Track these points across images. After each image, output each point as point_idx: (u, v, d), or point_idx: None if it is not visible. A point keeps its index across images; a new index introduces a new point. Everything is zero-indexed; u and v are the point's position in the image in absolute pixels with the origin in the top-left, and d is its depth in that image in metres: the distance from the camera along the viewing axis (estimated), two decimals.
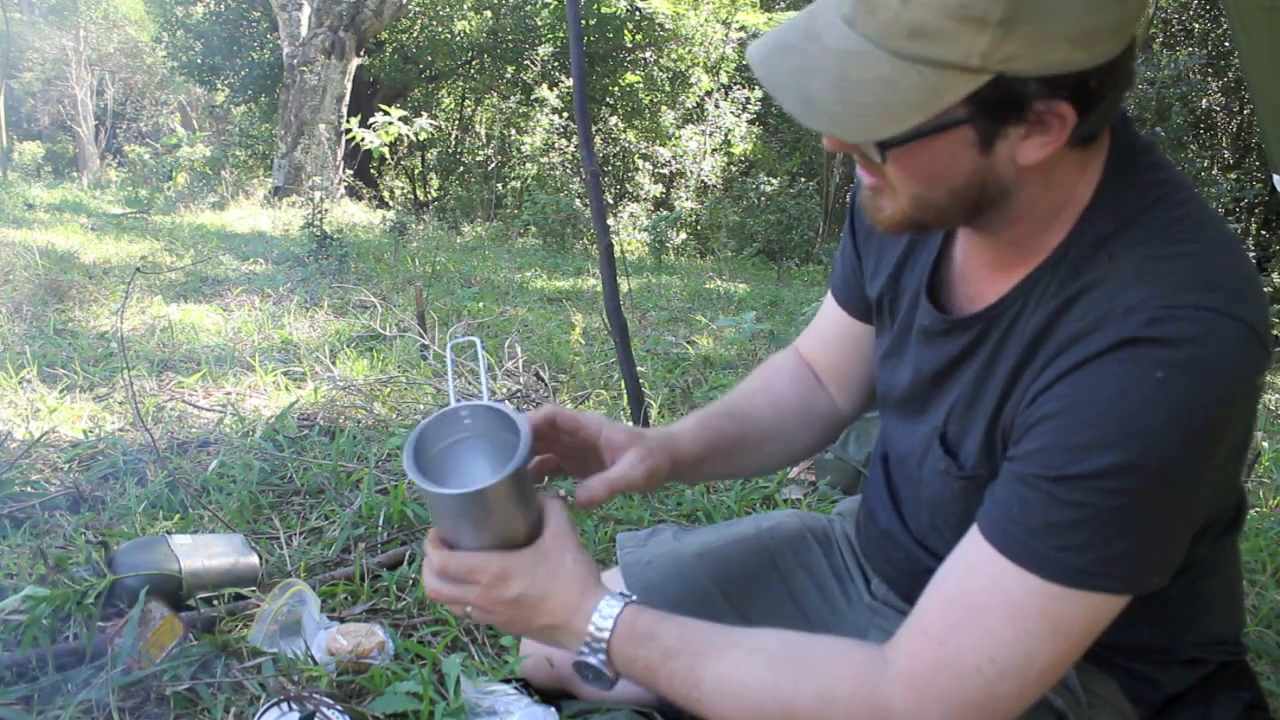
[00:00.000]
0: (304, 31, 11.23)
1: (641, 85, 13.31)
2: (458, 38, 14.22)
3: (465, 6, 14.28)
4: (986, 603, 0.79)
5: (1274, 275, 8.58)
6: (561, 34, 13.07)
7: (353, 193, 12.07)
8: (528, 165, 12.30)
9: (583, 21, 7.62)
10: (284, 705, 1.20)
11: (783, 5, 14.33)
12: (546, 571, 0.91)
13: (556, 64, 13.08)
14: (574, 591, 0.91)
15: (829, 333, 1.22)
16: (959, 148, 0.78)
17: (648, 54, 13.18)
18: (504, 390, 3.04)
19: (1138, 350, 0.74)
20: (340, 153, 11.39)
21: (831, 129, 0.77)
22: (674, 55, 13.11)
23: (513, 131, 13.12)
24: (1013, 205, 0.83)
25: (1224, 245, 0.80)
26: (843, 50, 0.75)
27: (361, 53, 12.07)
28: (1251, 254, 6.74)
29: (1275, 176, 2.34)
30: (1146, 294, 0.76)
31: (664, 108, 13.17)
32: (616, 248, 2.76)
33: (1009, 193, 0.82)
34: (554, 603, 0.90)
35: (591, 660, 0.89)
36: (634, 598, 0.91)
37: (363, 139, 9.24)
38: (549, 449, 1.03)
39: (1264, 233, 11.35)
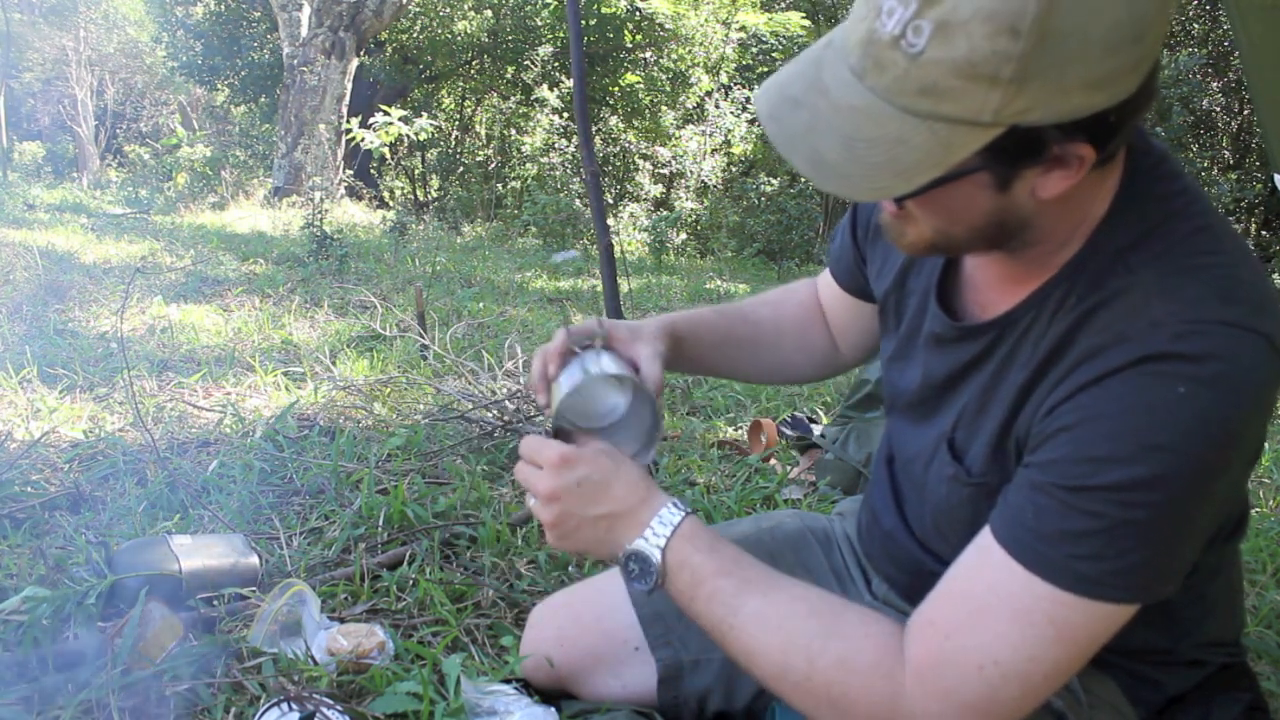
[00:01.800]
0: (304, 31, 11.23)
1: (641, 85, 13.30)
2: (458, 38, 14.21)
3: (465, 6, 14.27)
4: (994, 604, 0.79)
5: (1276, 276, 8.58)
6: (561, 34, 13.06)
7: (353, 193, 12.07)
8: (528, 165, 12.29)
9: (583, 21, 7.61)
10: (284, 705, 1.20)
11: (783, 5, 14.33)
12: (611, 462, 0.95)
13: (556, 64, 13.08)
14: (640, 484, 0.94)
15: (832, 296, 1.27)
16: (976, 190, 0.78)
17: (648, 54, 13.17)
18: (504, 390, 3.04)
19: (1161, 365, 0.74)
20: (340, 153, 11.39)
21: (844, 191, 0.75)
22: (674, 55, 13.10)
23: (513, 131, 13.13)
24: (1032, 231, 0.83)
25: (1243, 257, 0.80)
26: (851, 106, 0.73)
27: (361, 53, 12.06)
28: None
29: (1276, 176, 2.34)
30: (1169, 309, 0.76)
31: (664, 108, 13.16)
32: (616, 248, 2.76)
33: (1029, 224, 0.82)
34: (620, 489, 0.94)
35: (647, 550, 0.92)
36: (695, 510, 0.93)
37: (363, 139, 9.25)
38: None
39: (1264, 233, 11.35)
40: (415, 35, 14.58)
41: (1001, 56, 0.67)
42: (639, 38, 13.05)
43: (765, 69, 14.00)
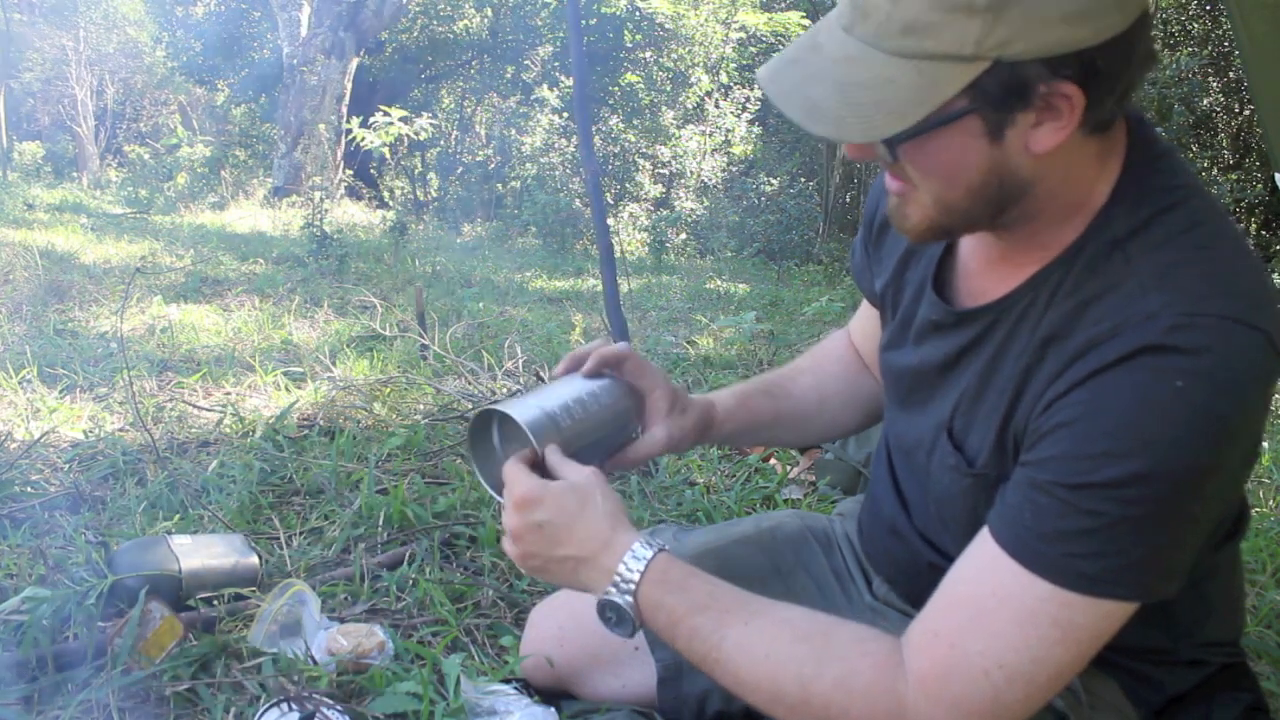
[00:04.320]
0: (304, 31, 11.23)
1: (641, 85, 13.30)
2: (458, 38, 14.21)
3: (465, 6, 14.27)
4: (996, 607, 0.79)
5: (1276, 276, 8.57)
6: (561, 34, 13.06)
7: (353, 193, 12.06)
8: (528, 165, 12.29)
9: (583, 21, 7.61)
10: (284, 705, 1.19)
11: (782, 5, 14.32)
12: (575, 502, 0.91)
13: (556, 64, 13.07)
14: (604, 526, 0.91)
15: (867, 325, 1.26)
16: (968, 139, 0.78)
17: (648, 54, 13.17)
18: (504, 390, 3.04)
19: (1157, 358, 0.74)
20: (340, 153, 11.39)
21: (836, 133, 0.77)
22: (674, 55, 13.10)
23: (513, 131, 13.12)
24: (1032, 201, 0.82)
25: (1242, 253, 0.80)
26: (843, 56, 0.76)
27: (361, 53, 12.06)
28: None
29: (1276, 176, 2.34)
30: (1166, 300, 0.75)
31: (664, 108, 13.16)
32: (616, 248, 2.76)
33: (1027, 187, 0.81)
34: (581, 534, 0.91)
35: (618, 600, 0.89)
36: (666, 546, 0.91)
37: (363, 139, 9.24)
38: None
39: (1264, 233, 11.34)
40: (415, 35, 14.57)
41: None
42: (639, 38, 13.05)
43: None
